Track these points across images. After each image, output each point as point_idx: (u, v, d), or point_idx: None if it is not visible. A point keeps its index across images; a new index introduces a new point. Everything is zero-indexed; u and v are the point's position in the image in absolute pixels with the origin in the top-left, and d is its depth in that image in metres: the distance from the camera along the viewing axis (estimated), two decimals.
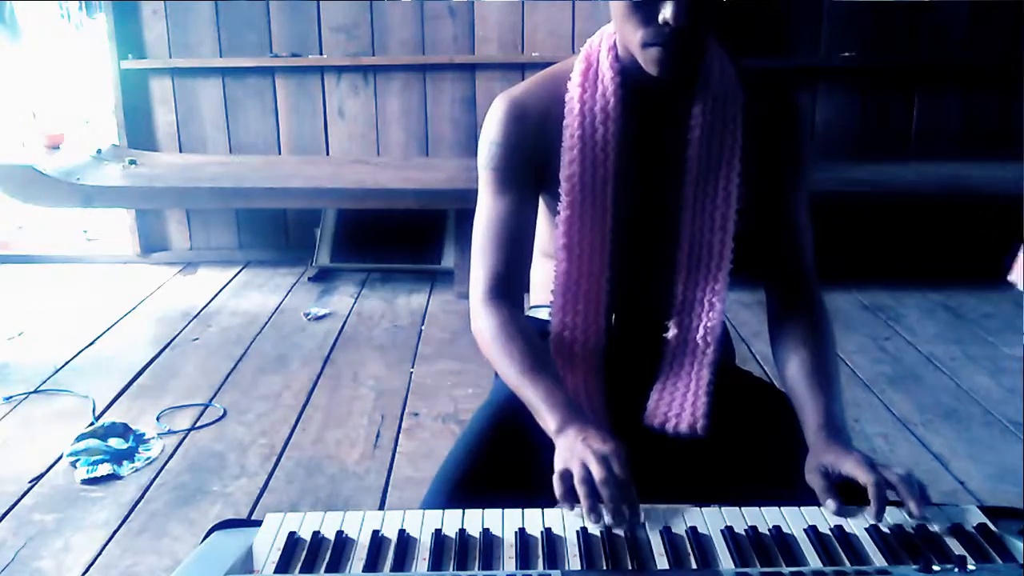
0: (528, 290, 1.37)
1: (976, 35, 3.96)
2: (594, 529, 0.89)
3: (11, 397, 2.77)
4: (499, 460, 1.11)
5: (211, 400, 2.76)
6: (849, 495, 0.96)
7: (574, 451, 0.96)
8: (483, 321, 1.15)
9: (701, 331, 1.17)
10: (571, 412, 1.03)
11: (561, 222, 1.14)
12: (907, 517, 0.91)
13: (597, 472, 0.92)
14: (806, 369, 1.13)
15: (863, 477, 0.95)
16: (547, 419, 1.04)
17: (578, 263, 1.15)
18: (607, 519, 0.89)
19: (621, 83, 1.12)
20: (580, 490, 0.91)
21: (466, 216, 1.22)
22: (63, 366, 3.04)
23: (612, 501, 0.90)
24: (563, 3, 3.94)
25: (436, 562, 0.85)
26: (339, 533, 0.89)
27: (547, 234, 1.24)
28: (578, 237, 1.14)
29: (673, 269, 1.17)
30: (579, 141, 1.12)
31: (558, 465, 0.97)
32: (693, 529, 0.89)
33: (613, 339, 1.20)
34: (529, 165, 1.16)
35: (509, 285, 1.17)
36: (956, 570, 0.79)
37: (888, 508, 0.93)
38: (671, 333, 1.19)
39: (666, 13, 0.98)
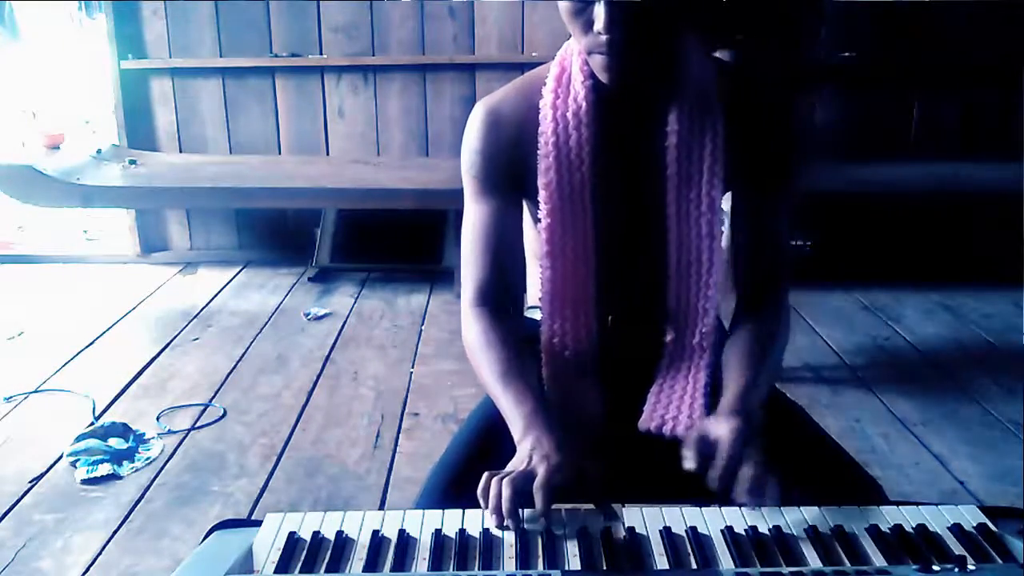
0: (525, 291, 1.38)
1: (976, 35, 3.96)
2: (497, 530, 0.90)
3: (11, 397, 2.77)
4: (493, 460, 1.11)
5: (211, 400, 2.76)
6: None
7: (517, 460, 0.99)
8: (467, 328, 1.17)
9: (696, 336, 1.17)
10: (532, 422, 1.04)
11: (543, 229, 1.14)
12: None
13: (513, 475, 0.93)
14: (742, 353, 1.13)
15: (722, 445, 0.97)
16: (513, 428, 1.05)
17: (562, 269, 1.15)
18: (504, 520, 0.90)
19: (593, 87, 1.11)
20: (492, 487, 0.92)
21: None
22: (63, 366, 3.04)
23: (505, 501, 0.90)
24: None
25: (436, 562, 0.85)
26: (339, 533, 0.89)
27: (535, 239, 1.24)
28: (560, 244, 1.14)
29: (664, 274, 1.17)
30: (554, 148, 1.11)
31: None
32: (693, 529, 0.89)
33: (610, 342, 1.20)
34: (508, 172, 1.16)
35: (495, 291, 1.18)
36: (956, 570, 0.79)
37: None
38: (667, 338, 1.18)
39: (598, 24, 0.98)
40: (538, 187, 1.13)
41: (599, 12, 0.97)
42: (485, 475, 0.95)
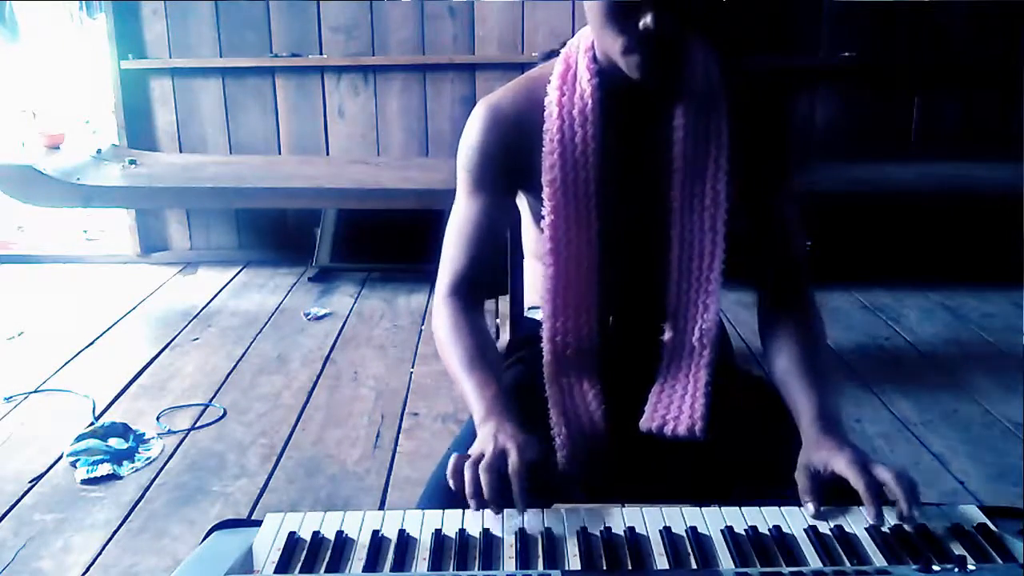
0: (522, 291, 1.38)
1: (976, 35, 3.96)
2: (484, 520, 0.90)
3: (11, 397, 2.77)
4: None
5: (211, 400, 2.76)
6: (842, 491, 0.95)
7: (482, 443, 0.98)
8: (438, 318, 1.18)
9: (696, 333, 1.17)
10: (494, 405, 1.04)
11: (546, 226, 1.14)
12: (901, 517, 0.91)
13: (487, 459, 0.93)
14: (796, 363, 1.13)
15: (854, 479, 0.94)
16: (473, 411, 1.06)
17: (565, 266, 1.15)
18: (483, 504, 0.90)
19: (600, 84, 1.11)
20: (466, 473, 0.92)
21: None
22: (63, 366, 3.04)
23: (488, 488, 0.90)
24: (563, 3, 3.93)
25: (436, 562, 0.85)
26: (339, 533, 0.89)
27: (535, 238, 1.24)
28: (564, 240, 1.14)
29: (666, 271, 1.17)
30: (559, 145, 1.12)
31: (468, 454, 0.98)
32: (693, 529, 0.89)
33: (611, 341, 1.20)
34: (506, 171, 1.16)
35: (470, 285, 1.19)
36: (956, 570, 0.79)
37: (885, 508, 0.93)
38: (666, 336, 1.18)
39: (647, 20, 0.97)
40: (541, 184, 1.13)
41: (648, 12, 0.97)
42: (454, 457, 0.95)
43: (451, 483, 0.93)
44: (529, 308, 1.37)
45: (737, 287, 1.21)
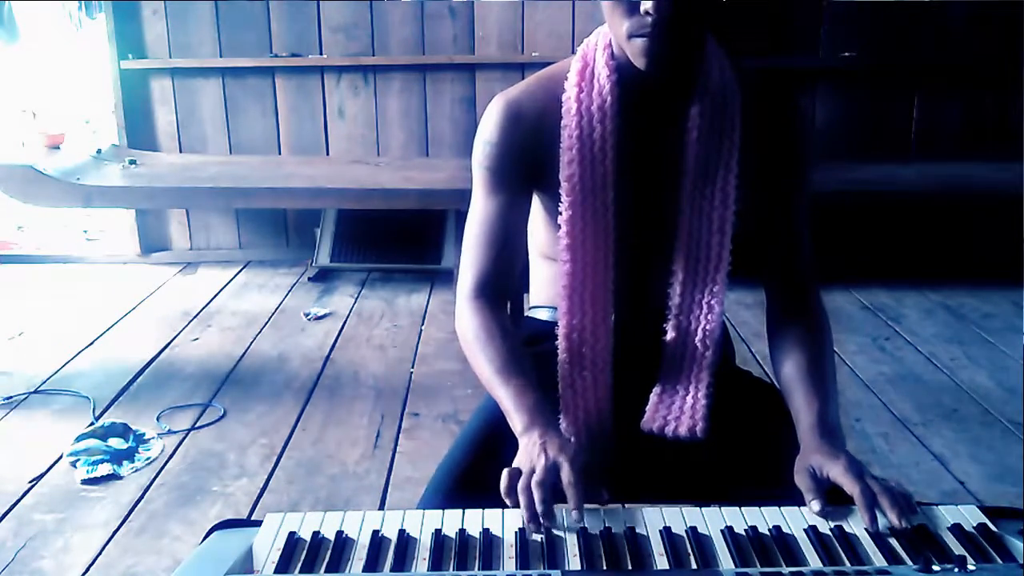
0: (527, 290, 1.38)
1: (976, 35, 3.96)
2: (536, 535, 0.89)
3: (11, 397, 2.77)
4: (496, 459, 1.11)
5: (211, 400, 2.76)
6: (838, 495, 0.95)
7: (530, 454, 0.97)
8: (465, 320, 1.16)
9: (700, 334, 1.16)
10: (537, 414, 1.03)
11: (563, 223, 1.13)
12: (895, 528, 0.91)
13: (538, 476, 0.93)
14: (801, 369, 1.13)
15: (848, 486, 0.95)
16: (514, 420, 1.05)
17: (582, 264, 1.15)
18: (544, 523, 0.89)
19: (618, 81, 1.11)
20: (522, 496, 0.91)
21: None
22: (63, 366, 3.04)
23: (543, 504, 0.90)
24: (563, 3, 3.93)
25: (436, 562, 0.85)
26: (339, 533, 0.89)
27: (546, 236, 1.24)
28: (581, 237, 1.14)
29: (671, 271, 1.17)
30: (577, 141, 1.12)
31: (515, 466, 0.97)
32: (693, 529, 0.89)
33: (614, 341, 1.20)
34: (523, 167, 1.16)
35: (495, 285, 1.17)
36: (956, 570, 0.79)
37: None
38: (669, 336, 1.18)
39: (647, 3, 0.99)
40: (558, 180, 1.13)
41: None
42: (506, 474, 0.94)
43: (507, 501, 0.93)
44: (530, 308, 1.37)
45: (737, 287, 1.21)
